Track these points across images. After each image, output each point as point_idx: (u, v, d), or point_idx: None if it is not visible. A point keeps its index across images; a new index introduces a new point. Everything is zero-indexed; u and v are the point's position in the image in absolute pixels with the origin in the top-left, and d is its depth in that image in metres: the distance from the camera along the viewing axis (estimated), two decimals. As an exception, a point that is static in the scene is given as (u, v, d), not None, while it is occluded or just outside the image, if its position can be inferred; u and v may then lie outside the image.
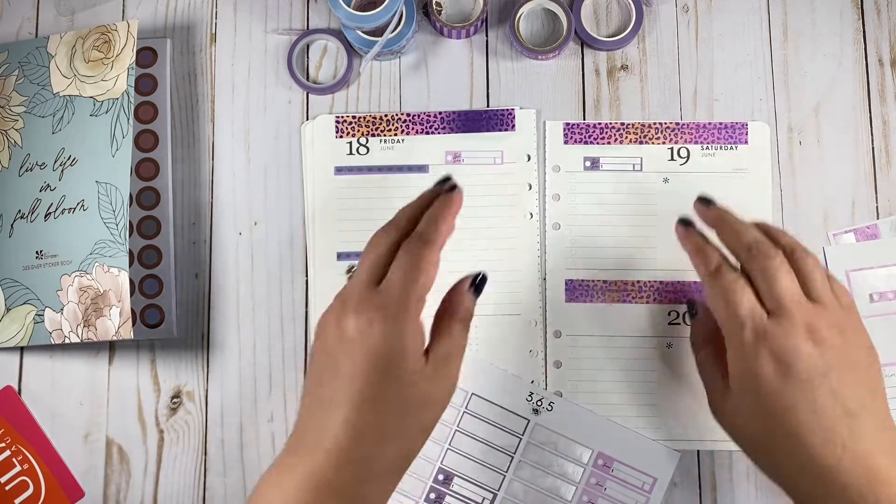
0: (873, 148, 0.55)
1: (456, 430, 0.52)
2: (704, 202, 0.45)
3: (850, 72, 0.55)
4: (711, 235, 0.45)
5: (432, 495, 0.51)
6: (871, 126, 0.55)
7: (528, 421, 0.52)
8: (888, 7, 0.56)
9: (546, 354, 0.53)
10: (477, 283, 0.44)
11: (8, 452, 0.52)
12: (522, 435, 0.52)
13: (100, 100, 0.52)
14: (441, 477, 0.51)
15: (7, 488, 0.52)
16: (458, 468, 0.52)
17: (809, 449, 0.38)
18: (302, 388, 0.47)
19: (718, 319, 0.42)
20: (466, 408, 0.52)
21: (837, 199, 0.54)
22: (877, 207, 0.54)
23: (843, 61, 0.55)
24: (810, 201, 0.54)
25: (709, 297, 0.43)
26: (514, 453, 0.51)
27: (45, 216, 0.51)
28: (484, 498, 0.51)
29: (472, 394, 0.52)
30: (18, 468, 0.52)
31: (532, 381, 0.52)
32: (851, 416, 0.38)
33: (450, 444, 0.52)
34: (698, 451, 0.52)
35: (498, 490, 0.51)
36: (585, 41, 0.55)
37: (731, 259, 0.43)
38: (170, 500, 0.52)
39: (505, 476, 0.51)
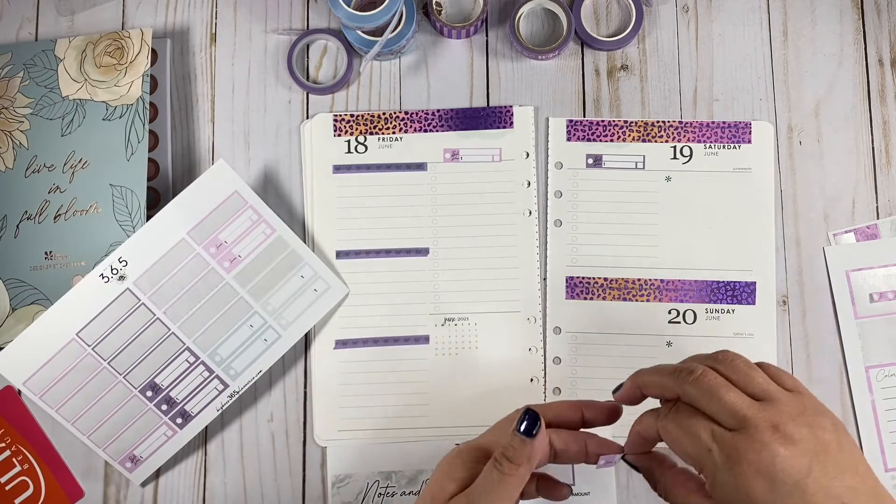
0: (873, 148, 0.59)
1: None
2: (614, 392, 0.46)
3: (850, 72, 0.60)
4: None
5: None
6: (871, 126, 0.59)
7: None
8: (888, 7, 0.60)
9: (545, 351, 0.57)
10: (523, 424, 0.42)
11: (8, 452, 0.56)
12: None
13: (113, 105, 0.57)
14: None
15: (7, 488, 0.55)
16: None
17: None
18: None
19: (684, 456, 0.42)
20: None
21: (837, 199, 0.58)
22: (877, 207, 0.58)
23: (843, 61, 0.60)
24: (810, 201, 0.58)
25: (667, 439, 0.42)
26: None
27: (55, 217, 0.56)
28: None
29: None
30: (18, 468, 0.56)
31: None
32: None
33: None
34: (697, 451, 0.56)
35: None
36: (585, 41, 0.59)
37: None
38: (170, 500, 0.56)
39: None
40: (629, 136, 0.59)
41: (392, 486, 0.56)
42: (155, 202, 0.58)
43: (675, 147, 0.59)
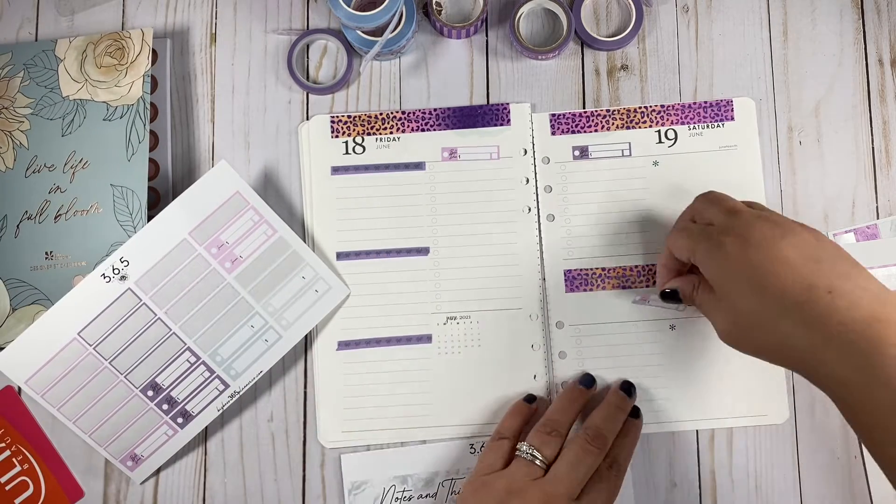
0: (873, 148, 0.59)
1: None
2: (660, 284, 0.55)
3: (850, 72, 0.60)
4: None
5: None
6: (871, 126, 0.60)
7: None
8: (888, 7, 0.61)
9: (550, 346, 0.58)
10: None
11: (8, 452, 0.56)
12: None
13: (113, 105, 0.57)
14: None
15: (7, 488, 0.56)
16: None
17: (799, 299, 0.43)
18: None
19: (683, 252, 0.50)
20: None
21: (837, 199, 0.59)
22: (877, 207, 0.59)
23: (843, 61, 0.60)
24: (810, 201, 0.59)
25: (673, 246, 0.51)
26: None
27: (55, 217, 0.57)
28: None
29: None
30: (18, 468, 0.56)
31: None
32: (821, 262, 0.43)
33: None
34: (698, 450, 0.57)
35: None
36: (585, 41, 0.60)
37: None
38: (170, 500, 0.57)
39: None
40: (613, 124, 0.60)
41: (409, 489, 0.56)
42: (155, 202, 0.58)
43: (659, 131, 0.59)
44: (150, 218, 0.56)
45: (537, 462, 0.50)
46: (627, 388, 0.56)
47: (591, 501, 0.49)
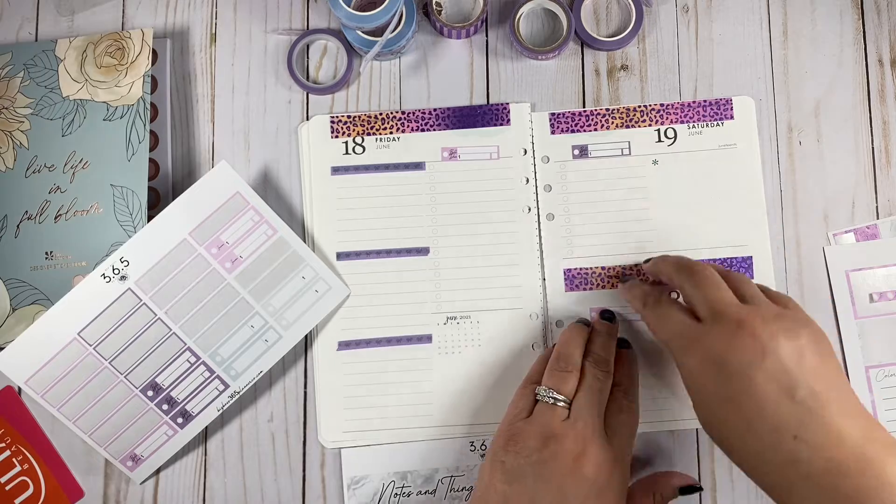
0: (873, 148, 0.60)
1: None
2: (645, 262, 0.56)
3: (850, 72, 0.60)
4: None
5: None
6: (871, 126, 0.60)
7: None
8: (888, 7, 0.61)
9: (550, 346, 0.57)
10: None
11: (8, 452, 0.57)
12: None
13: (114, 105, 0.57)
14: None
15: (7, 488, 0.56)
16: None
17: (762, 438, 0.41)
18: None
19: (658, 339, 0.49)
20: None
21: (837, 199, 0.59)
22: (877, 207, 0.59)
23: (843, 61, 0.60)
24: (810, 201, 0.59)
25: (647, 323, 0.51)
26: None
27: (56, 217, 0.57)
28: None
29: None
30: (18, 468, 0.56)
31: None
32: (793, 396, 0.41)
33: None
34: (698, 450, 0.57)
35: None
36: (585, 41, 0.60)
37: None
38: (170, 500, 0.57)
39: None
40: (612, 123, 0.60)
41: (408, 486, 0.56)
42: (155, 202, 0.58)
43: (658, 130, 0.60)
44: (150, 218, 0.56)
45: (560, 404, 0.49)
46: (608, 315, 0.56)
47: (621, 439, 0.48)
